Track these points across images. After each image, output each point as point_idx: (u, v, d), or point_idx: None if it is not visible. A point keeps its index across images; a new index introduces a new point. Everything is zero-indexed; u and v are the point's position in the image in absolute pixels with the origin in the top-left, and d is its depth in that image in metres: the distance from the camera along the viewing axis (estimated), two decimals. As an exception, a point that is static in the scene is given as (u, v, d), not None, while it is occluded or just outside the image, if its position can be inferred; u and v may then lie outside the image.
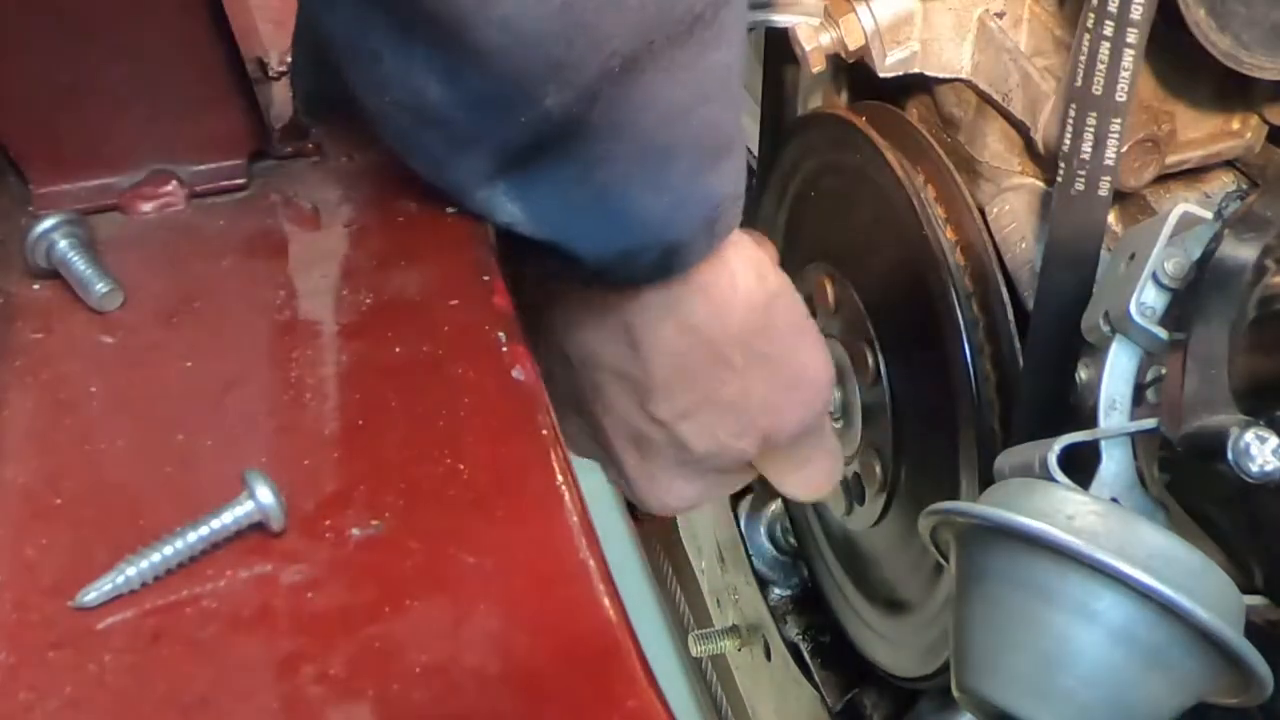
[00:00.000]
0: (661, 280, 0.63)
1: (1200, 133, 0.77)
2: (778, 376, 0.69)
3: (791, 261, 0.98)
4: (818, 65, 0.82)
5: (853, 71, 0.95)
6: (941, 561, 0.63)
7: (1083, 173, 0.68)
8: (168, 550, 0.41)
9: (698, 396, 0.68)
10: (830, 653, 1.07)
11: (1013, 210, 0.79)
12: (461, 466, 0.45)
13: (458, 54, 0.50)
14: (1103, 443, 0.60)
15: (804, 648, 1.09)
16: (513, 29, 0.48)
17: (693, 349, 0.66)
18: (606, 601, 0.41)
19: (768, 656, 1.15)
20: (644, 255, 0.60)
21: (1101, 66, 0.66)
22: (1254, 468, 0.50)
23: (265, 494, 0.42)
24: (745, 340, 0.67)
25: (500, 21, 0.48)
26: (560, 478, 0.45)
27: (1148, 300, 0.60)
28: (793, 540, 1.13)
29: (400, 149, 0.58)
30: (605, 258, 0.60)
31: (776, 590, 1.14)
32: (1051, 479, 0.58)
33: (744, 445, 0.71)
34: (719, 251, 0.63)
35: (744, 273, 0.65)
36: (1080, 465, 0.60)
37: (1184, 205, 0.62)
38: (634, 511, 1.49)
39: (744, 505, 1.17)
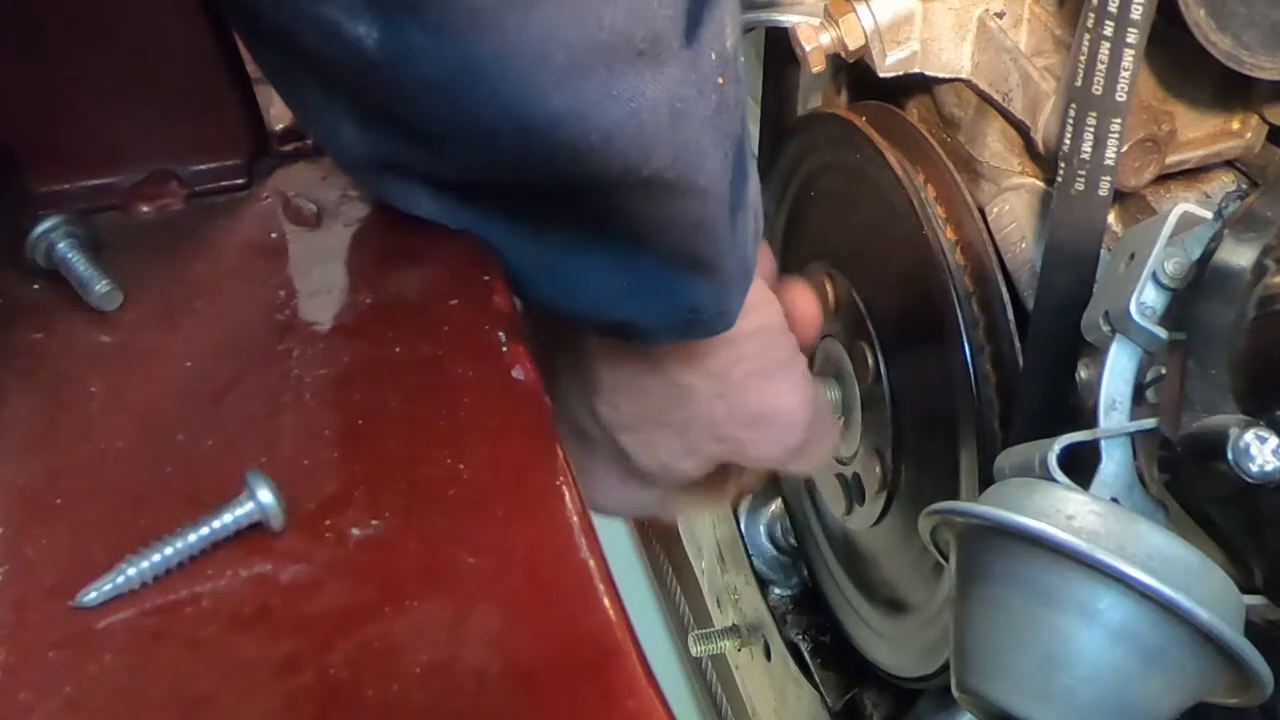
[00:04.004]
0: (621, 338, 0.60)
1: (1200, 133, 0.77)
2: (737, 413, 0.66)
3: (791, 261, 0.98)
4: (818, 65, 0.82)
5: (853, 71, 0.95)
6: (941, 561, 0.63)
7: (1083, 173, 0.68)
8: (168, 550, 0.41)
9: (644, 412, 0.66)
10: (830, 653, 1.07)
11: (1013, 210, 0.79)
12: (461, 466, 0.45)
13: (373, 112, 0.49)
14: (1103, 443, 0.60)
15: (804, 648, 1.09)
16: (414, 110, 0.46)
17: (643, 371, 0.64)
18: (606, 601, 0.41)
19: (768, 656, 1.15)
20: (591, 321, 0.58)
21: (1101, 66, 0.66)
22: (1254, 468, 0.50)
23: (265, 494, 0.42)
24: (707, 371, 0.64)
25: (439, 117, 0.46)
26: (560, 478, 0.45)
27: (1148, 300, 0.60)
28: (793, 540, 1.13)
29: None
30: (549, 309, 0.58)
31: (776, 590, 1.14)
32: (1051, 479, 0.58)
33: (687, 468, 0.68)
34: None
35: None
36: (1080, 465, 0.60)
37: (1184, 205, 0.62)
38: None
39: (744, 505, 1.17)
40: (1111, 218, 0.74)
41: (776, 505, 1.15)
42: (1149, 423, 0.58)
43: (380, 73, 0.43)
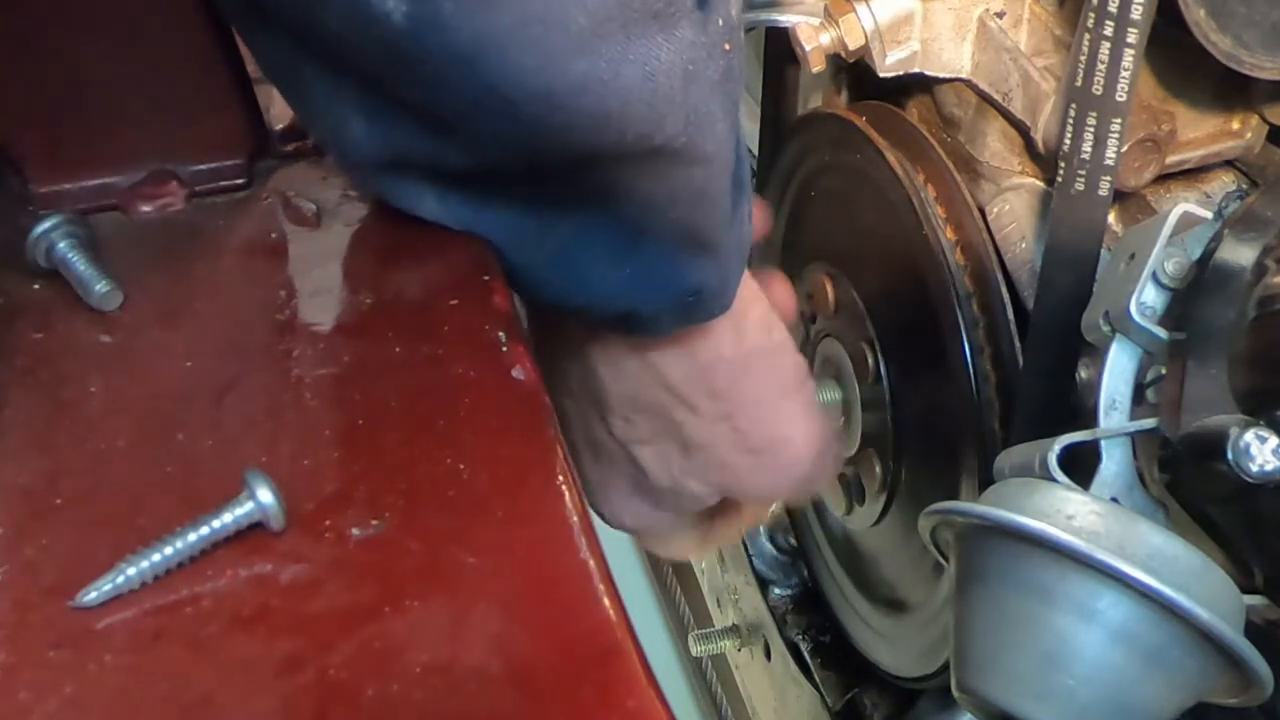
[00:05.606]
0: (624, 330, 0.61)
1: (1200, 133, 0.77)
2: (739, 438, 0.65)
3: (792, 261, 0.98)
4: (818, 65, 0.82)
5: (853, 71, 0.95)
6: (941, 561, 0.63)
7: (1083, 173, 0.68)
8: (168, 550, 0.41)
9: (657, 428, 0.66)
10: (830, 653, 1.07)
11: (1013, 210, 0.79)
12: (461, 466, 0.45)
13: (385, 100, 0.49)
14: (1103, 443, 0.60)
15: (804, 648, 1.09)
16: (435, 88, 0.46)
17: (654, 388, 0.64)
18: (606, 601, 0.41)
19: (768, 656, 1.15)
20: (596, 313, 0.58)
21: (1101, 66, 0.66)
22: (1254, 467, 0.50)
23: (265, 494, 0.42)
24: (711, 390, 0.64)
25: (458, 94, 0.46)
26: (560, 477, 0.45)
27: (1148, 300, 0.60)
28: (793, 540, 1.13)
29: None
30: (557, 306, 0.58)
31: (776, 590, 1.14)
32: (1051, 479, 0.58)
33: (698, 490, 0.67)
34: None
35: (724, 330, 0.62)
36: (1080, 465, 0.60)
37: (1184, 205, 0.62)
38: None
39: (744, 505, 1.17)
40: (1111, 218, 0.74)
41: (777, 505, 1.15)
42: (1149, 423, 0.58)
43: (403, 49, 0.43)
